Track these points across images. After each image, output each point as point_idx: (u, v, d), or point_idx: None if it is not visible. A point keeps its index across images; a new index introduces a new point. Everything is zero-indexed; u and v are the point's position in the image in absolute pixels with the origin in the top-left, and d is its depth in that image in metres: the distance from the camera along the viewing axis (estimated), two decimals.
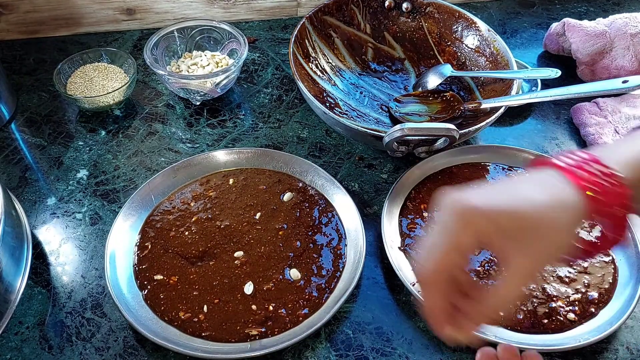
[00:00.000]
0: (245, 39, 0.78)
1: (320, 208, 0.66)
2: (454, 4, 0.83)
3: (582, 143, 0.76)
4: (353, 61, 0.84)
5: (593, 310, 0.57)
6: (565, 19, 0.85)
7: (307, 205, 0.66)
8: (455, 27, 0.83)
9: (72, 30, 0.90)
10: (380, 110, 0.78)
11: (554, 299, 0.58)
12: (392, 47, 0.86)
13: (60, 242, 0.64)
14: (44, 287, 0.60)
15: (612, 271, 0.60)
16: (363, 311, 0.59)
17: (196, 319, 0.56)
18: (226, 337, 0.55)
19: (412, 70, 0.84)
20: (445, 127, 0.64)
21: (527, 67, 0.82)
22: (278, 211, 0.65)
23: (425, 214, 0.65)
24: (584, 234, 0.64)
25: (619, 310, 0.57)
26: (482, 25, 0.80)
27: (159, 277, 0.59)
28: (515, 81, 0.73)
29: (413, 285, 0.58)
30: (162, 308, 0.57)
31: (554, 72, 0.74)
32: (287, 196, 0.67)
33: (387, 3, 0.85)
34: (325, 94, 0.77)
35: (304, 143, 0.75)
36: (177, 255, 0.61)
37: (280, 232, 0.63)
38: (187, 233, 0.63)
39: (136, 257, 0.61)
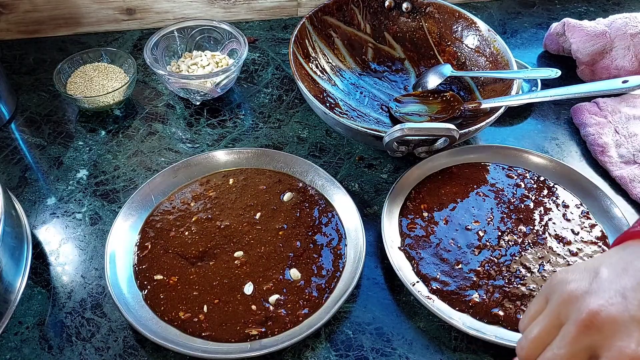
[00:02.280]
0: (245, 39, 0.78)
1: (320, 208, 0.66)
2: (454, 4, 0.83)
3: (582, 143, 0.76)
4: (353, 61, 0.83)
5: None
6: (565, 19, 0.85)
7: (307, 205, 0.66)
8: (455, 27, 0.83)
9: (72, 30, 0.90)
10: (380, 110, 0.78)
11: None
12: (392, 47, 0.86)
13: (60, 242, 0.64)
14: (44, 287, 0.60)
15: None
16: (363, 311, 0.59)
17: (196, 319, 0.56)
18: (226, 337, 0.55)
19: (412, 70, 0.84)
20: (445, 127, 0.64)
21: (527, 67, 0.82)
22: (278, 211, 0.65)
23: (425, 214, 0.65)
24: (584, 234, 0.64)
25: None
26: (482, 25, 0.80)
27: (159, 277, 0.59)
28: (515, 81, 0.73)
29: (413, 285, 0.58)
30: (162, 308, 0.57)
31: (554, 72, 0.74)
32: (287, 196, 0.67)
33: (387, 3, 0.85)
34: (325, 94, 0.77)
35: (304, 143, 0.75)
36: (177, 255, 0.61)
37: (280, 232, 0.63)
38: (187, 233, 0.63)
39: (136, 257, 0.61)
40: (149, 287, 0.59)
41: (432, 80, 0.79)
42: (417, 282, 0.59)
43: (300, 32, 0.79)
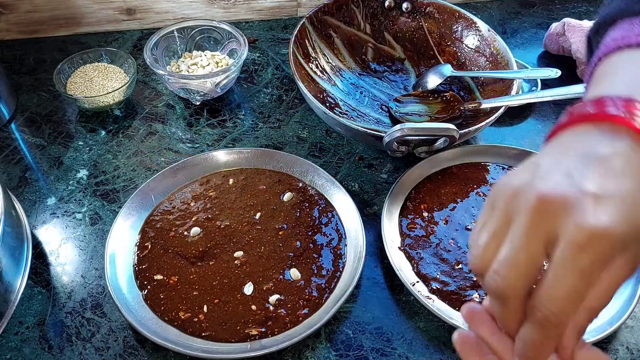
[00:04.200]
0: (245, 39, 0.78)
1: (320, 208, 0.66)
2: (454, 4, 0.83)
3: None
4: (353, 61, 0.83)
5: None
6: (565, 19, 0.85)
7: (307, 205, 0.66)
8: (455, 27, 0.83)
9: (72, 30, 0.90)
10: (380, 110, 0.78)
11: None
12: (392, 47, 0.86)
13: (60, 242, 0.64)
14: (44, 287, 0.60)
15: None
16: (363, 311, 0.59)
17: (196, 319, 0.56)
18: (226, 337, 0.55)
19: (412, 70, 0.84)
20: (445, 127, 0.64)
21: (527, 67, 0.82)
22: (278, 211, 0.65)
23: (425, 214, 0.65)
24: None
25: (619, 310, 0.57)
26: (482, 25, 0.80)
27: (159, 277, 0.59)
28: (515, 81, 0.73)
29: (413, 285, 0.58)
30: (162, 308, 0.57)
31: (554, 72, 0.74)
32: (287, 196, 0.67)
33: (387, 3, 0.85)
34: (325, 94, 0.77)
35: (304, 143, 0.75)
36: (177, 255, 0.61)
37: (280, 232, 0.63)
38: (187, 233, 0.63)
39: (136, 257, 0.61)
40: (149, 287, 0.59)
41: (432, 80, 0.79)
42: (417, 282, 0.59)
43: (300, 32, 0.79)
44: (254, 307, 0.57)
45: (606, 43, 0.39)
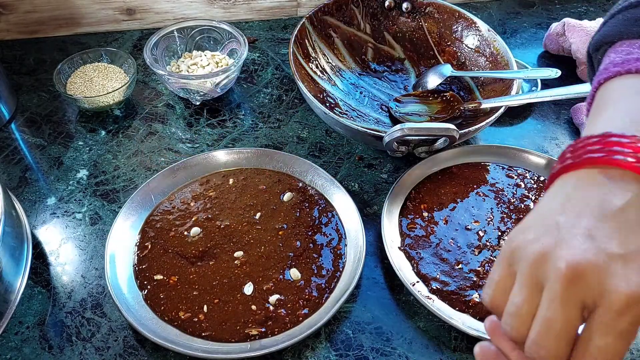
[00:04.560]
0: (245, 39, 0.78)
1: (320, 208, 0.66)
2: (454, 4, 0.83)
3: None
4: (353, 61, 0.83)
5: None
6: (565, 19, 0.85)
7: (307, 205, 0.66)
8: (455, 27, 0.83)
9: (72, 30, 0.90)
10: (380, 110, 0.78)
11: None
12: (392, 47, 0.86)
13: (60, 242, 0.64)
14: (44, 287, 0.60)
15: None
16: (363, 311, 0.59)
17: (196, 319, 0.56)
18: (226, 337, 0.55)
19: (412, 70, 0.84)
20: (445, 127, 0.64)
21: (527, 67, 0.82)
22: (278, 211, 0.65)
23: (425, 214, 0.65)
24: None
25: None
26: (482, 25, 0.80)
27: (159, 277, 0.59)
28: (515, 81, 0.73)
29: (413, 285, 0.58)
30: (162, 308, 0.57)
31: (554, 72, 0.74)
32: (287, 196, 0.67)
33: (387, 3, 0.85)
34: (325, 94, 0.77)
35: (304, 143, 0.75)
36: (177, 255, 0.61)
37: (280, 232, 0.63)
38: (186, 233, 0.63)
39: (136, 257, 0.61)
40: (149, 287, 0.59)
41: (432, 80, 0.79)
42: (417, 282, 0.59)
43: (300, 32, 0.79)
44: (254, 307, 0.57)
45: (607, 66, 0.40)
